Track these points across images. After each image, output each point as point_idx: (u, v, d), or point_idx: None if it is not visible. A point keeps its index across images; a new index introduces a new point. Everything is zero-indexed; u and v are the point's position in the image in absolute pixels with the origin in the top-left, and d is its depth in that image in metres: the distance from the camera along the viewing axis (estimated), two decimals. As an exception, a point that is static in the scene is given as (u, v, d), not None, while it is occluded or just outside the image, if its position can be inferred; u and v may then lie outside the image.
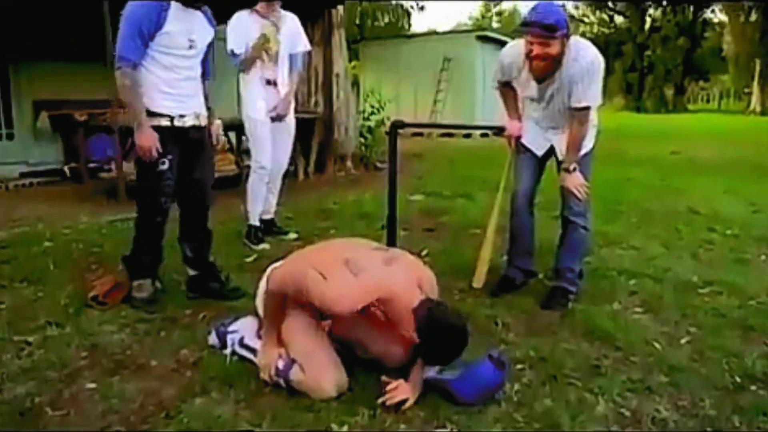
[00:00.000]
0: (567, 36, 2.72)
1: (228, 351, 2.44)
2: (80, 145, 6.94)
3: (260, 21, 3.96)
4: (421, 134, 13.65)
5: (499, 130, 3.43)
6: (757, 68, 31.09)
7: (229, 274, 3.31)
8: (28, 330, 2.68)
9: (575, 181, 2.95)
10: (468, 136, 13.58)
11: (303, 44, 4.21)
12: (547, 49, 2.70)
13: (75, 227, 4.61)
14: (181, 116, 2.92)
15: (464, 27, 38.93)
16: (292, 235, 4.36)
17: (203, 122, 3.05)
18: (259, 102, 4.02)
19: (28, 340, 2.58)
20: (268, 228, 4.37)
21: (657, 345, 2.59)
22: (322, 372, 2.11)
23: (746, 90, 35.27)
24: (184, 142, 2.95)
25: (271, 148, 4.10)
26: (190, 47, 2.89)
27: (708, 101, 43.28)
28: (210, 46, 3.06)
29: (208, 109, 3.12)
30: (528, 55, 2.78)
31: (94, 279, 3.18)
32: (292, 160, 7.13)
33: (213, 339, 2.53)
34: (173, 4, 2.81)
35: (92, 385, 2.21)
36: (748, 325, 2.79)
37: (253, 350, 2.36)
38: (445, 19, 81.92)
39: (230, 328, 2.50)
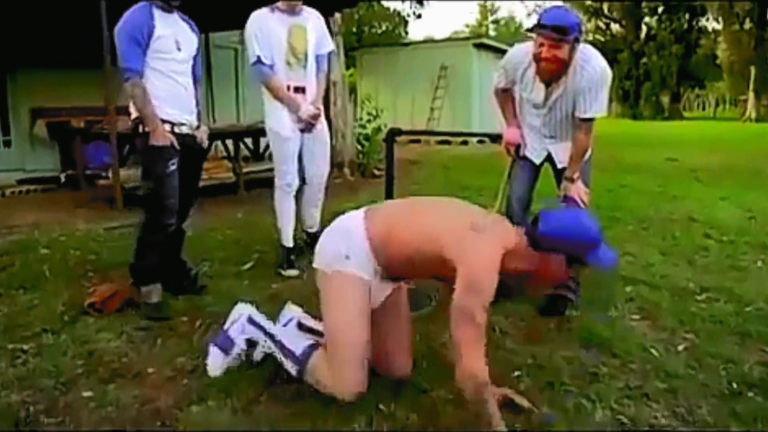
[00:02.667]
0: (578, 40, 2.71)
1: (236, 349, 2.30)
2: (77, 153, 6.94)
3: (285, 20, 3.57)
4: (418, 141, 13.67)
5: (496, 138, 3.43)
6: (752, 76, 31.25)
7: (198, 271, 3.39)
8: (24, 338, 2.67)
9: (579, 190, 2.96)
10: (465, 143, 13.62)
11: (329, 44, 3.82)
12: (557, 51, 2.68)
13: (72, 234, 4.60)
14: (181, 124, 3.02)
15: (461, 35, 39.06)
16: None
17: (194, 131, 3.13)
18: (284, 114, 3.62)
19: (23, 347, 2.57)
20: (313, 242, 3.93)
21: (654, 352, 2.59)
22: (347, 377, 2.00)
23: (742, 97, 35.45)
24: (182, 148, 3.00)
25: (297, 164, 3.74)
26: (179, 49, 2.98)
27: (704, 108, 43.51)
28: (197, 53, 3.15)
29: (198, 114, 3.17)
30: (537, 57, 2.76)
31: (91, 286, 3.17)
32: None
33: (214, 358, 2.32)
34: (155, 9, 2.92)
35: (88, 393, 2.20)
36: (745, 332, 2.79)
37: (262, 327, 2.31)
38: (441, 27, 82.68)
39: (230, 320, 2.39)
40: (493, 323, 2.84)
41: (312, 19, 3.70)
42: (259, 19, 3.55)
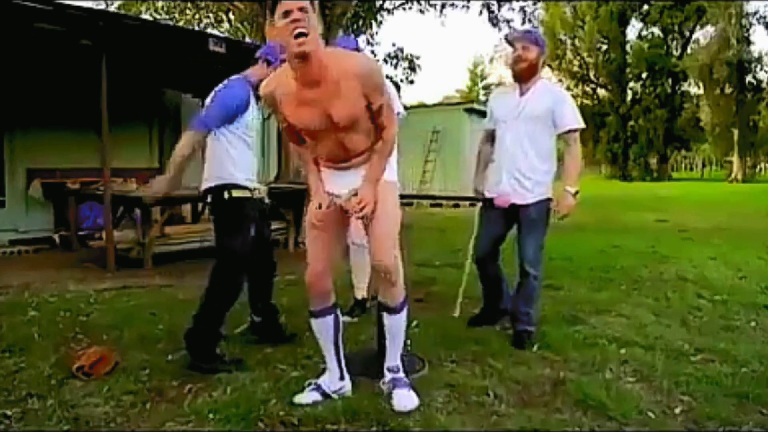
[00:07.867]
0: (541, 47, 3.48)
1: None
2: (71, 213, 6.96)
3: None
4: (410, 204, 13.80)
5: (486, 201, 3.60)
6: (735, 138, 32.05)
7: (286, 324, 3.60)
8: (8, 403, 2.60)
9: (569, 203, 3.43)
10: (457, 205, 13.74)
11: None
12: (527, 53, 3.42)
13: (62, 296, 4.55)
14: (258, 189, 3.28)
15: (452, 100, 40.02)
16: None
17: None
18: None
19: (7, 413, 2.50)
20: (361, 308, 4.15)
21: (651, 414, 2.55)
22: None
23: (727, 158, 36.22)
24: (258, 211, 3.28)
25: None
26: (255, 128, 3.28)
27: (691, 169, 44.30)
28: None
29: None
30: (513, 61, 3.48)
31: (80, 349, 3.12)
32: (284, 231, 7.18)
33: None
34: (251, 91, 3.17)
35: (72, 461, 2.14)
36: (742, 393, 2.76)
37: None
38: (433, 92, 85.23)
39: None
40: (486, 388, 2.80)
41: None
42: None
